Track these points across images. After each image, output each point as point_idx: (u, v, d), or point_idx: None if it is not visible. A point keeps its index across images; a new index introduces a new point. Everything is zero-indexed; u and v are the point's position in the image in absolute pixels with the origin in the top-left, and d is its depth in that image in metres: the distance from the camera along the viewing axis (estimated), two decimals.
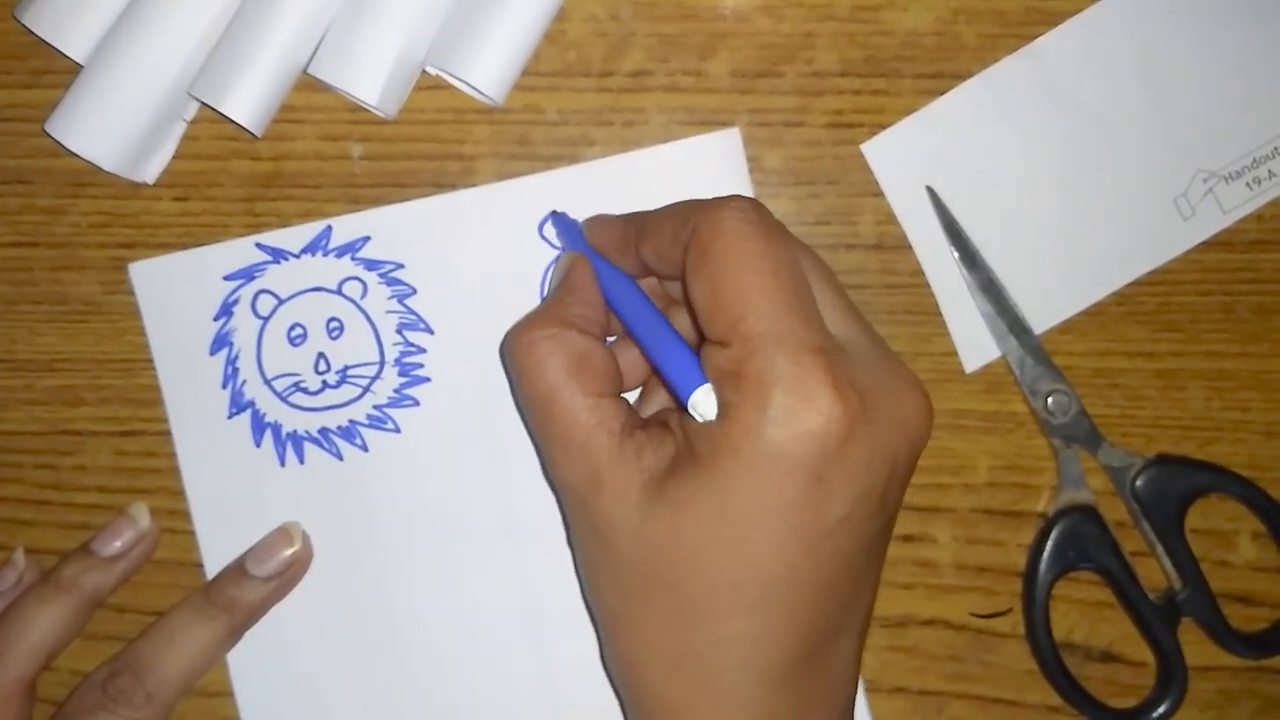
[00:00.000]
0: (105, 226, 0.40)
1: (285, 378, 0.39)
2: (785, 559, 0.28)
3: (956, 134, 0.39)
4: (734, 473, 0.28)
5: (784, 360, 0.28)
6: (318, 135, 0.39)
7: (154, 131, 0.38)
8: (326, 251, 0.39)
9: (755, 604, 0.29)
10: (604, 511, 0.30)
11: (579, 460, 0.30)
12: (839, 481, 0.28)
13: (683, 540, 0.29)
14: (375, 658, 0.39)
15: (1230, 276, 0.39)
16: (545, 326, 0.32)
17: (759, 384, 0.28)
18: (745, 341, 0.28)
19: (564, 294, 0.34)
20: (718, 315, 0.29)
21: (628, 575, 0.30)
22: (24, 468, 0.40)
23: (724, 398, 0.29)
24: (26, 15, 0.38)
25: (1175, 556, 0.38)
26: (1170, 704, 0.38)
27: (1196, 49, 0.39)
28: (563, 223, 0.38)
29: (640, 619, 0.30)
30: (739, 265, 0.29)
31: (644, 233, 0.33)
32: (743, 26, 0.39)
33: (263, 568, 0.37)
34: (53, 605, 0.37)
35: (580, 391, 0.31)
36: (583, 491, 0.30)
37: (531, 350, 0.31)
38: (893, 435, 0.29)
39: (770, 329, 0.28)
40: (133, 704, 0.36)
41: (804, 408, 0.28)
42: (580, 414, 0.31)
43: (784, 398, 0.28)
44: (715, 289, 0.29)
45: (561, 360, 0.31)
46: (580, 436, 0.30)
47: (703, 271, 0.30)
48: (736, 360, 0.29)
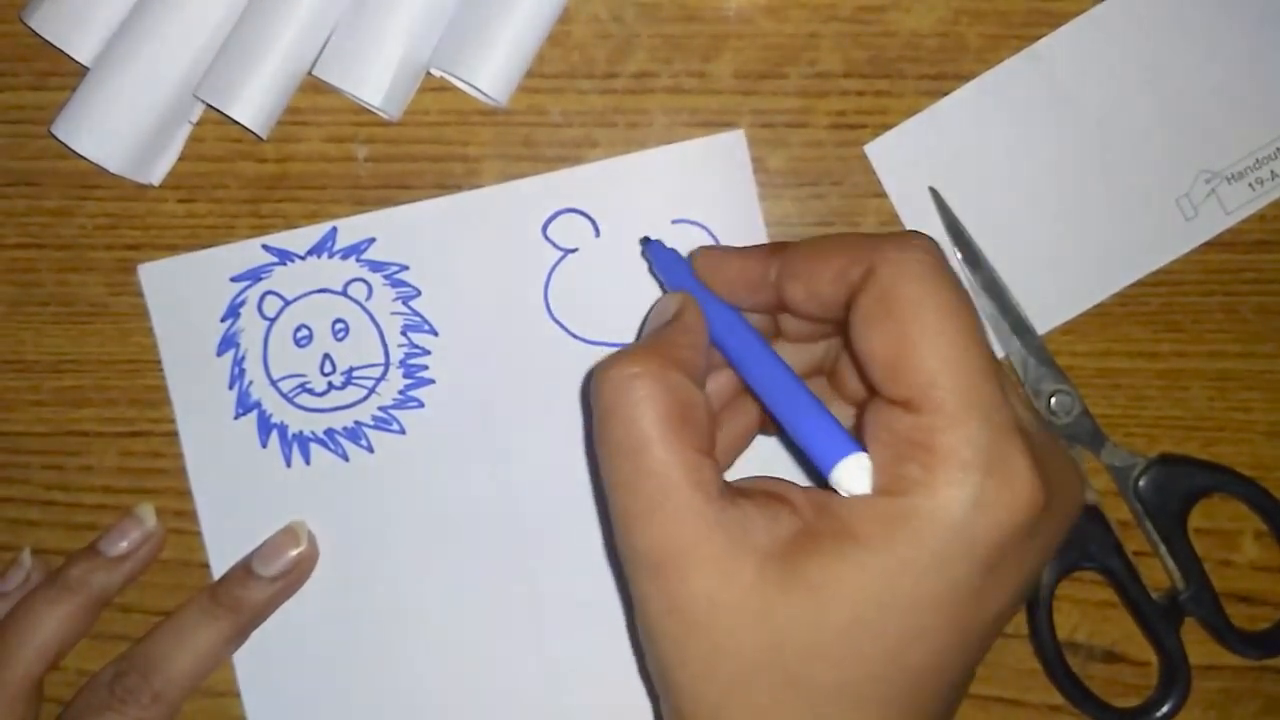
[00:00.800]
0: (111, 228, 0.40)
1: (291, 379, 0.39)
2: (936, 650, 0.26)
3: (960, 135, 0.39)
4: (912, 557, 0.25)
5: (987, 437, 0.25)
6: (323, 137, 0.39)
7: (160, 133, 0.38)
8: (332, 253, 0.39)
9: (893, 698, 0.26)
10: (701, 590, 0.26)
11: (669, 528, 0.26)
12: (1012, 573, 0.26)
13: (822, 626, 0.25)
14: (380, 657, 0.39)
15: (1233, 277, 0.40)
16: (647, 363, 0.27)
17: (956, 461, 0.25)
18: (940, 409, 0.25)
19: (673, 333, 0.29)
20: (905, 374, 0.26)
21: (734, 664, 0.26)
22: (31, 468, 0.40)
23: (903, 470, 0.25)
24: (33, 18, 0.38)
25: (1178, 556, 0.38)
26: (1173, 704, 0.38)
27: (1199, 50, 0.39)
28: (661, 254, 0.35)
29: (744, 710, 0.26)
30: (932, 321, 0.26)
31: (794, 269, 0.29)
32: (746, 28, 0.39)
33: (269, 568, 0.38)
34: (59, 605, 0.37)
35: (679, 445, 0.27)
36: (668, 565, 0.26)
37: (628, 388, 0.27)
38: (1058, 521, 0.27)
39: (972, 400, 0.25)
40: (140, 703, 0.36)
41: (1004, 493, 0.25)
42: (676, 471, 0.26)
43: (984, 480, 0.25)
44: (903, 343, 0.26)
45: (662, 406, 0.27)
46: (674, 499, 0.26)
47: (888, 323, 0.26)
48: (926, 429, 0.25)
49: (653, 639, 0.27)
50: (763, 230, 0.39)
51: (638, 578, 0.27)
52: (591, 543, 0.39)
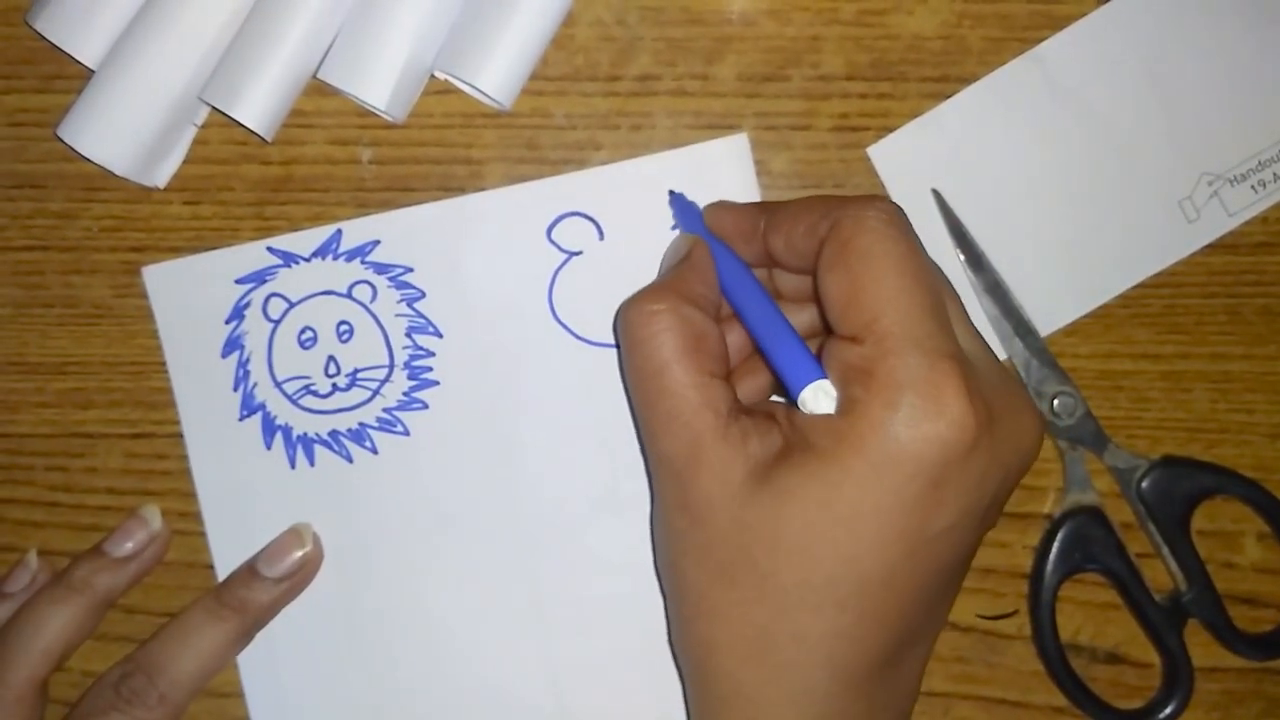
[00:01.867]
0: (116, 230, 0.40)
1: (296, 380, 0.39)
2: (886, 560, 0.28)
3: (962, 137, 0.39)
4: (853, 468, 0.28)
5: (920, 363, 0.28)
6: (327, 139, 0.39)
7: (165, 136, 0.38)
8: (336, 255, 0.39)
9: (848, 601, 0.29)
10: (703, 489, 0.30)
11: (683, 435, 0.30)
12: (954, 491, 0.28)
13: (785, 528, 0.29)
14: (384, 658, 0.39)
15: (1235, 279, 0.40)
16: (664, 299, 0.32)
17: (891, 383, 0.28)
18: (880, 340, 0.28)
19: (685, 270, 0.33)
20: (853, 311, 0.29)
21: (719, 556, 0.30)
22: (35, 470, 0.40)
23: (850, 393, 0.29)
24: (38, 20, 0.38)
25: (1181, 558, 0.38)
26: (1176, 705, 0.38)
27: (1201, 52, 0.39)
28: (681, 204, 0.38)
29: (725, 603, 0.30)
30: (881, 264, 0.29)
31: (776, 222, 0.33)
32: (749, 31, 0.39)
33: (274, 569, 0.38)
34: (65, 606, 0.37)
35: (693, 369, 0.31)
36: (681, 467, 0.30)
37: (650, 321, 0.31)
38: (1008, 453, 0.29)
39: (908, 330, 0.28)
40: (146, 705, 0.36)
41: (936, 412, 0.28)
42: (690, 391, 0.30)
43: (917, 400, 0.28)
44: (854, 284, 0.29)
45: (678, 336, 0.31)
46: (687, 413, 0.30)
47: (841, 266, 0.30)
48: (868, 357, 0.28)
49: (665, 532, 0.32)
50: None
51: (660, 478, 0.32)
52: (594, 543, 0.39)
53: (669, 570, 0.32)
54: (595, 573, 0.39)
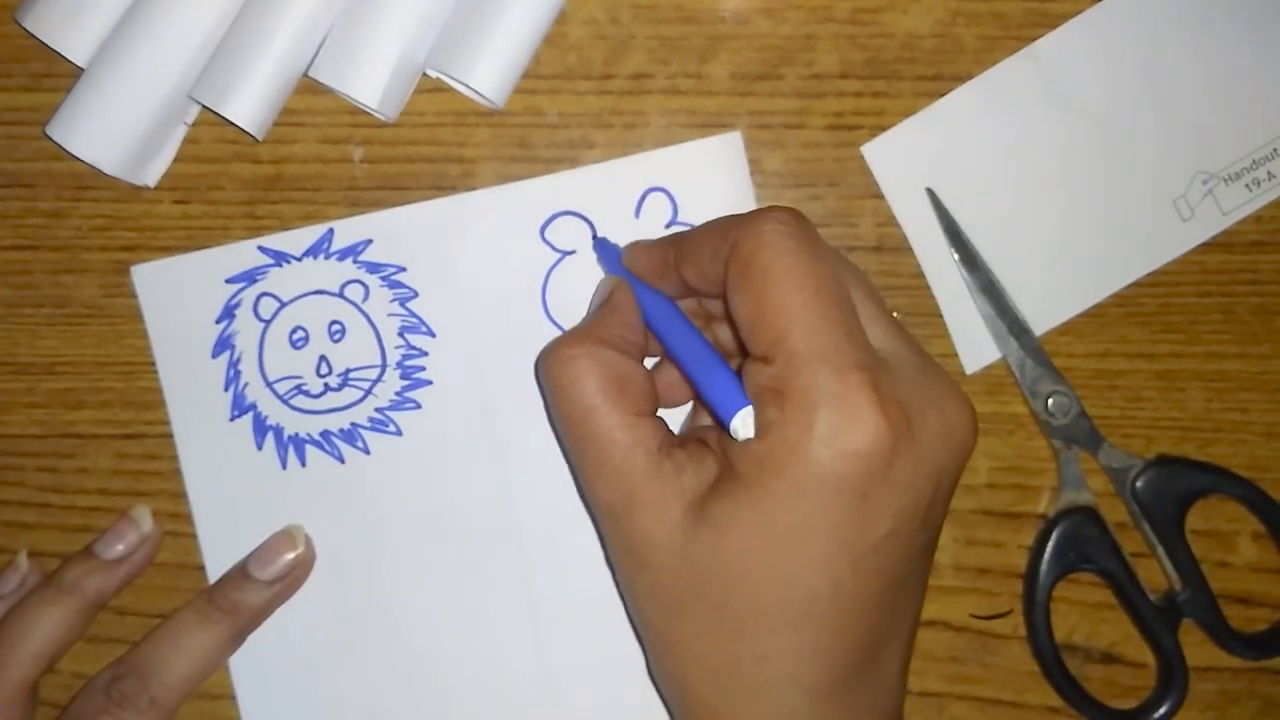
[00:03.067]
0: (106, 230, 0.40)
1: (287, 380, 0.39)
2: (830, 575, 0.28)
3: (956, 136, 0.39)
4: (778, 491, 0.28)
5: (828, 378, 0.28)
6: (318, 138, 0.39)
7: (155, 134, 0.38)
8: (328, 254, 0.39)
9: (800, 620, 0.29)
10: (642, 531, 0.30)
11: (615, 480, 0.30)
12: (884, 498, 0.28)
13: (727, 558, 0.29)
14: (376, 659, 0.39)
15: (1230, 278, 0.40)
16: (582, 344, 0.32)
17: (803, 402, 0.28)
18: (789, 359, 0.28)
19: (604, 314, 0.33)
20: (760, 331, 0.29)
21: (670, 593, 0.30)
22: (25, 470, 0.40)
23: (766, 415, 0.28)
24: (27, 18, 0.38)
25: (1175, 557, 0.38)
26: (1171, 705, 0.38)
27: (1196, 51, 0.39)
28: (604, 248, 0.38)
29: (684, 635, 0.30)
30: (781, 280, 0.29)
31: (684, 252, 0.33)
32: (743, 29, 0.39)
33: (266, 571, 0.38)
34: (55, 608, 0.37)
35: (617, 410, 0.31)
36: (619, 511, 0.30)
37: (568, 368, 0.31)
38: (937, 449, 0.29)
39: (814, 346, 0.28)
40: (136, 708, 0.36)
41: (849, 426, 0.27)
42: (616, 433, 0.30)
43: (829, 416, 0.27)
44: (758, 305, 0.29)
45: (598, 379, 0.31)
46: (617, 456, 0.30)
47: (744, 287, 0.29)
48: (779, 377, 0.28)
49: (618, 575, 0.32)
50: None
51: (601, 523, 0.32)
52: (587, 543, 0.38)
53: (630, 609, 0.32)
54: (588, 572, 0.38)
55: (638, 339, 0.33)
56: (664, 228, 0.39)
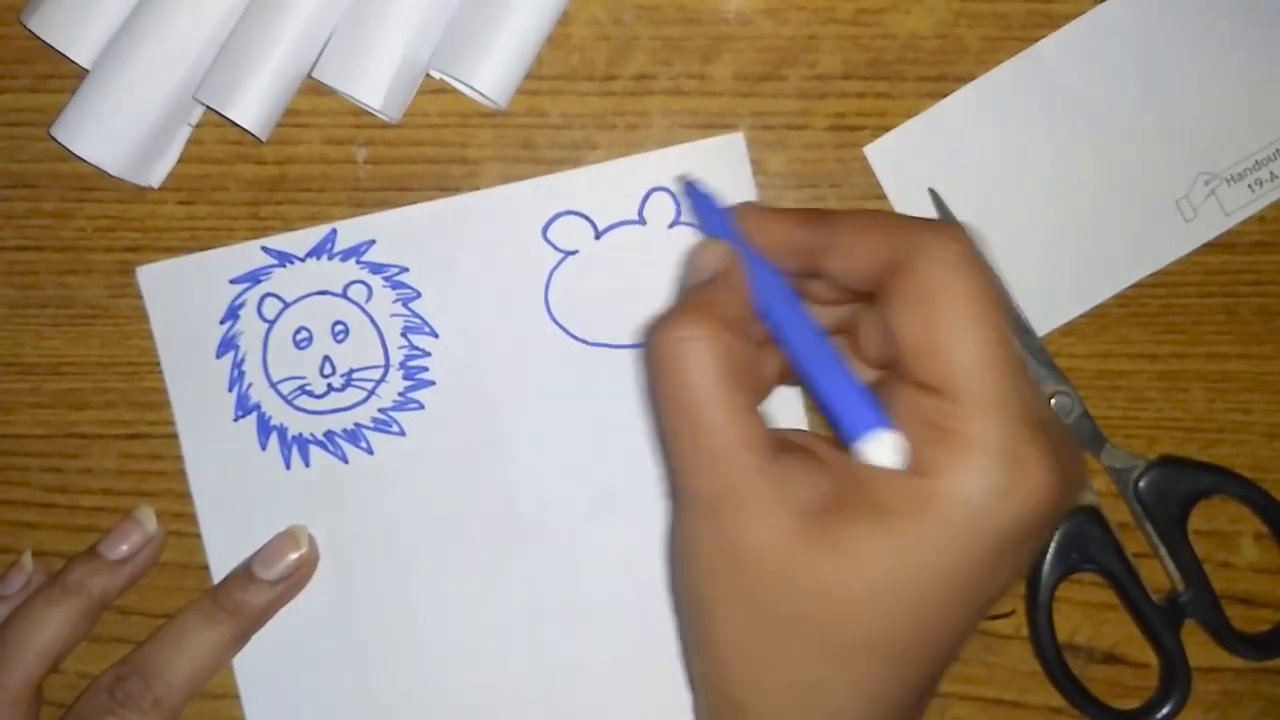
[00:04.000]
0: (111, 230, 0.40)
1: (291, 381, 0.39)
2: (945, 619, 0.28)
3: (959, 136, 0.39)
4: (931, 533, 0.26)
5: (1006, 429, 0.26)
6: (322, 139, 0.39)
7: (159, 135, 0.38)
8: (332, 255, 0.39)
9: (900, 654, 0.28)
10: (749, 534, 0.28)
11: (722, 477, 0.28)
12: (1017, 556, 0.28)
13: (852, 587, 0.27)
14: (380, 659, 0.39)
15: (1232, 278, 0.40)
16: (699, 325, 0.28)
17: (978, 449, 0.26)
18: (965, 398, 0.27)
19: (718, 290, 0.30)
20: (935, 361, 0.27)
21: (768, 607, 0.28)
22: (30, 471, 0.40)
23: (927, 453, 0.27)
24: (32, 20, 0.38)
25: (1178, 558, 0.38)
26: (1173, 705, 0.38)
27: (1198, 51, 0.39)
28: (700, 199, 0.34)
29: (774, 653, 0.28)
30: (963, 313, 0.27)
31: (836, 242, 0.30)
32: (745, 30, 0.39)
33: (269, 571, 0.38)
34: (60, 608, 0.37)
35: (733, 404, 0.28)
36: (723, 510, 0.28)
37: (686, 351, 0.28)
38: (1063, 509, 0.29)
39: (993, 391, 0.27)
40: (140, 708, 0.36)
41: (1023, 485, 0.26)
42: (731, 429, 0.28)
43: (1003, 469, 0.26)
44: (933, 332, 0.27)
45: (717, 367, 0.28)
46: (728, 453, 0.28)
47: (920, 308, 0.28)
48: (950, 415, 0.27)
49: (699, 575, 0.29)
50: None
51: (693, 517, 0.29)
52: (592, 543, 0.39)
53: (701, 612, 0.30)
54: (592, 572, 0.39)
55: (751, 321, 0.30)
56: (667, 228, 0.39)
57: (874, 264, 0.29)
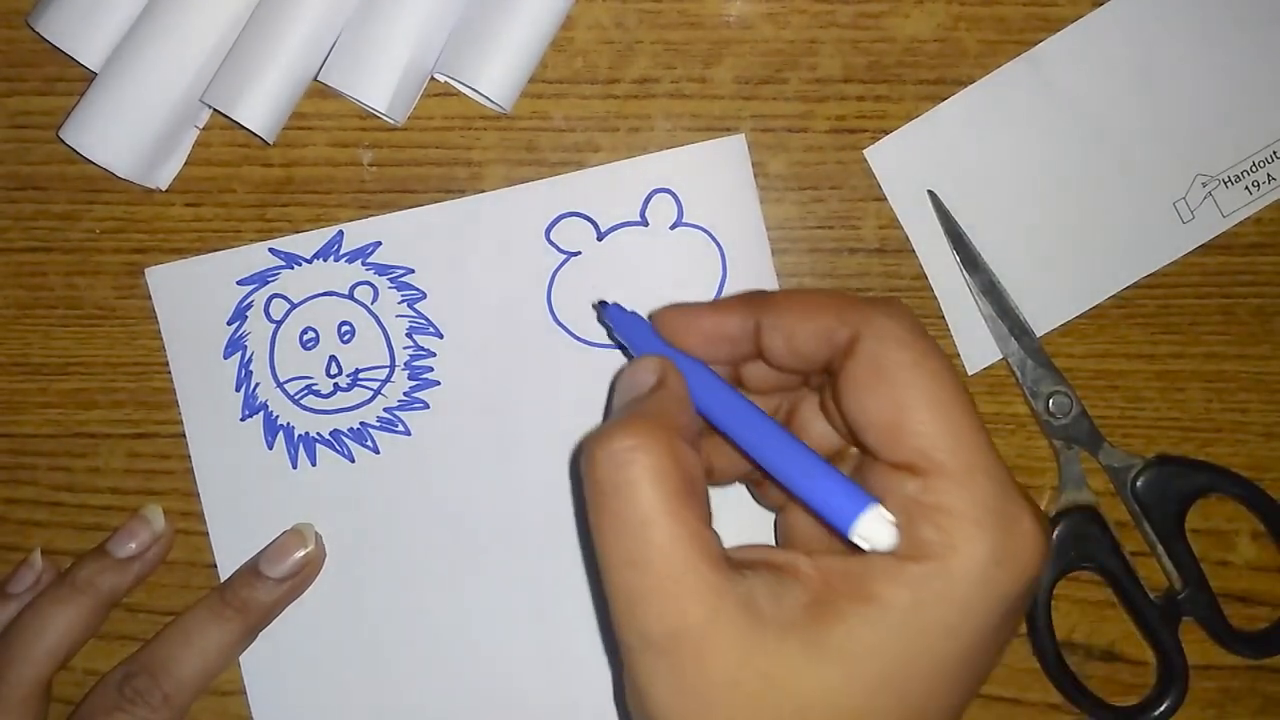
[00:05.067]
0: (119, 232, 0.40)
1: (297, 381, 0.39)
2: (952, 697, 0.26)
3: (958, 139, 0.39)
4: (933, 617, 0.25)
5: (994, 495, 0.26)
6: (328, 141, 0.40)
7: (167, 138, 0.38)
8: (338, 257, 0.39)
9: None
10: (719, 669, 0.25)
11: (681, 604, 0.25)
12: (1019, 616, 0.27)
13: (851, 692, 0.25)
14: (386, 657, 0.39)
15: (1229, 279, 0.40)
16: (641, 434, 0.26)
17: (971, 520, 0.25)
18: (944, 472, 0.26)
19: (661, 400, 0.28)
20: (904, 438, 0.26)
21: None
22: (39, 470, 0.40)
23: (912, 533, 0.25)
24: (40, 23, 0.38)
25: (1176, 556, 0.39)
26: (1171, 703, 0.38)
27: (1196, 54, 0.40)
28: (622, 321, 0.33)
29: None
30: (926, 385, 0.26)
31: (775, 322, 0.29)
32: (747, 34, 0.39)
33: (276, 569, 0.38)
34: (69, 606, 0.37)
35: (688, 519, 0.25)
36: (683, 645, 0.25)
37: (629, 463, 0.26)
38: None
39: (973, 459, 0.26)
40: (149, 705, 0.36)
41: (1018, 548, 0.26)
42: (683, 549, 0.25)
43: (999, 537, 0.25)
44: (899, 409, 0.26)
45: (664, 482, 0.26)
46: (683, 577, 0.25)
47: (882, 390, 0.27)
48: (933, 490, 0.26)
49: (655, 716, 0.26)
50: (764, 234, 0.39)
51: (643, 659, 0.26)
52: None
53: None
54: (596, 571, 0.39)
55: (696, 430, 0.29)
56: (669, 229, 0.39)
57: (818, 343, 0.28)
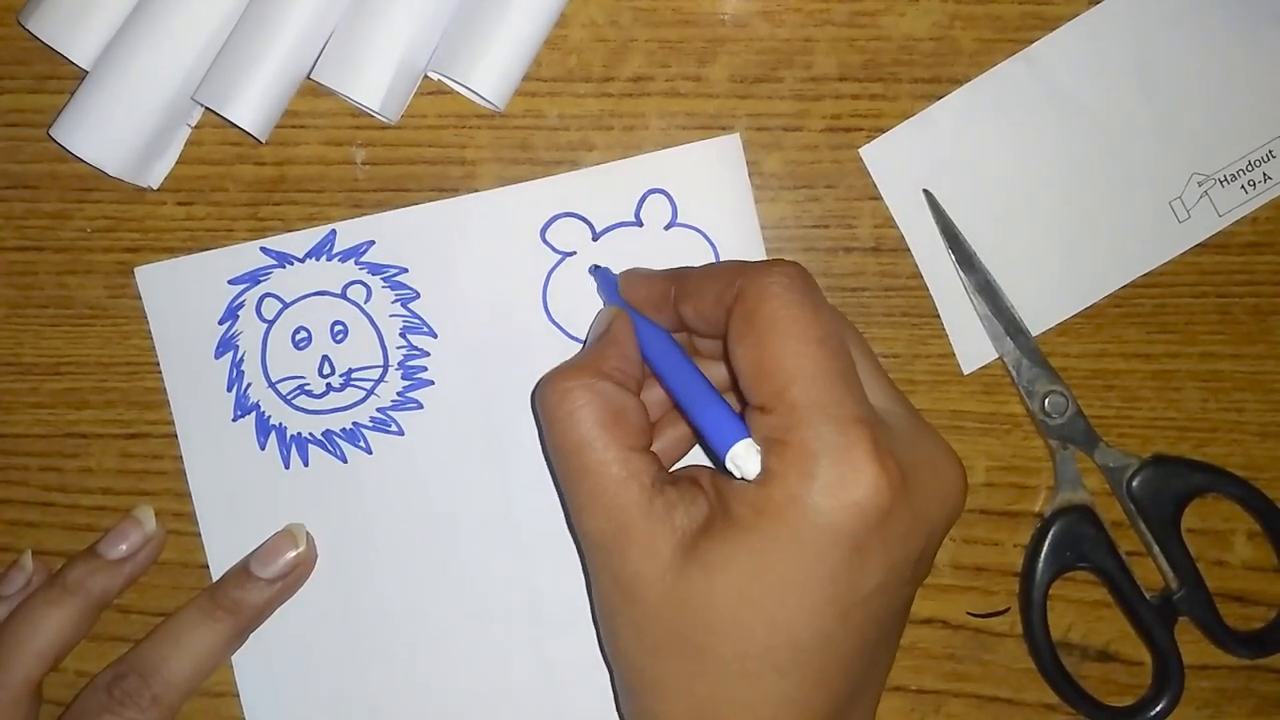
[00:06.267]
0: (110, 231, 0.40)
1: (290, 380, 0.39)
2: (820, 625, 0.28)
3: (954, 138, 0.39)
4: (775, 538, 0.28)
5: (831, 431, 0.28)
6: (321, 140, 0.39)
7: (158, 136, 0.38)
8: (331, 256, 0.39)
9: (787, 667, 0.29)
10: (633, 567, 0.30)
11: (608, 513, 0.30)
12: (878, 552, 0.28)
13: (715, 601, 0.29)
14: (378, 658, 0.39)
15: (1225, 279, 0.40)
16: (580, 376, 0.31)
17: (804, 452, 0.28)
18: (791, 409, 0.28)
19: (602, 346, 0.33)
20: (762, 381, 0.29)
21: (655, 632, 0.30)
22: (30, 470, 0.40)
23: (766, 464, 0.29)
24: (31, 21, 0.38)
25: (1171, 556, 0.39)
26: (1167, 702, 0.38)
27: (1192, 53, 0.40)
28: (602, 276, 0.38)
29: (665, 675, 0.30)
30: (786, 332, 0.29)
31: (685, 291, 0.33)
32: (741, 32, 0.39)
33: (268, 569, 0.38)
34: (59, 608, 0.37)
35: (613, 444, 0.30)
36: (610, 545, 0.30)
37: (565, 400, 0.31)
38: (930, 506, 0.30)
39: (817, 399, 0.28)
40: (139, 706, 0.36)
41: (850, 479, 0.28)
42: (611, 467, 0.30)
43: (831, 468, 0.28)
44: (761, 355, 0.29)
45: (595, 412, 0.31)
46: (610, 490, 0.30)
47: (749, 337, 0.30)
48: (781, 427, 0.29)
49: (601, 609, 0.32)
50: (759, 233, 0.39)
51: (589, 554, 0.32)
52: None
53: (608, 642, 0.32)
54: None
55: (635, 372, 0.33)
56: (664, 229, 0.39)
57: (717, 306, 0.31)
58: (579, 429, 0.31)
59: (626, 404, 0.32)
